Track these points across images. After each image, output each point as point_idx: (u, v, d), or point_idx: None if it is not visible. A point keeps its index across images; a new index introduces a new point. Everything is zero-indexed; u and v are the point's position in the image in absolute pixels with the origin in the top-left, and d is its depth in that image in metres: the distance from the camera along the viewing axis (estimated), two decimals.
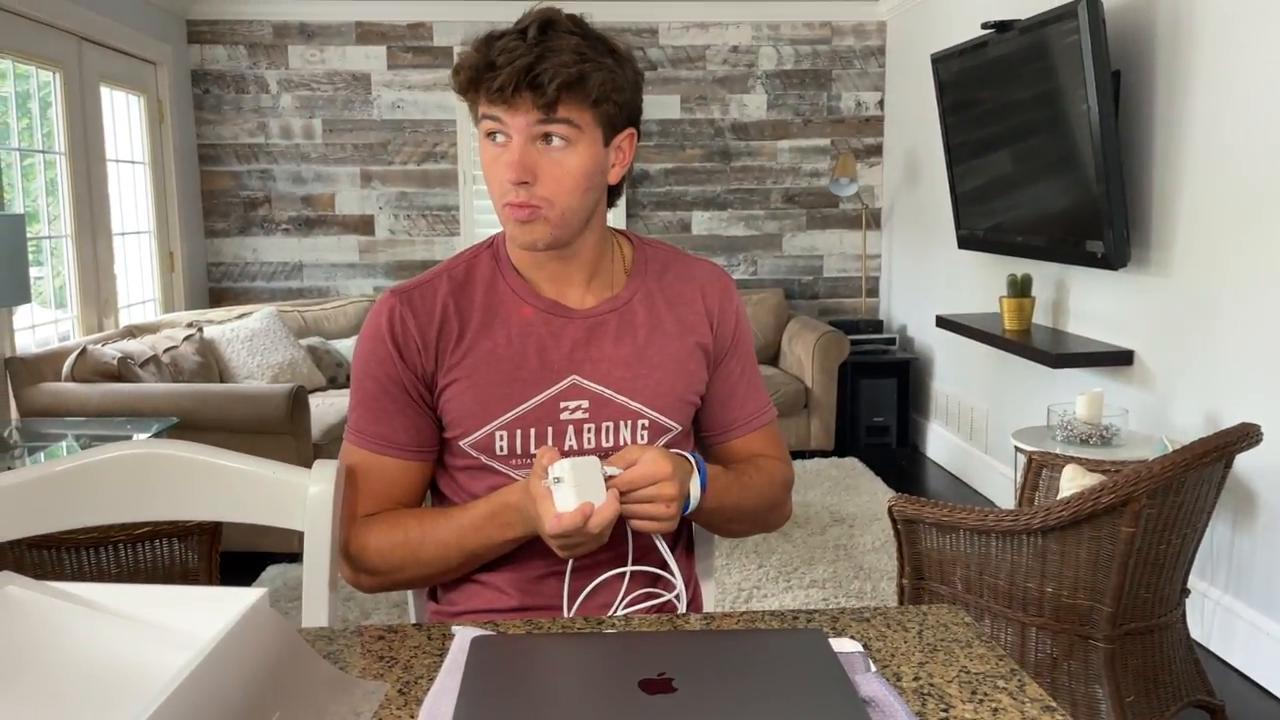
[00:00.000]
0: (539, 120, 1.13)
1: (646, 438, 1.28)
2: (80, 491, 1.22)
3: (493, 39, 1.15)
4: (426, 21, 5.40)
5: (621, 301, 1.28)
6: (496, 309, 1.25)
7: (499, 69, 1.12)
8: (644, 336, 1.28)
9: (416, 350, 1.23)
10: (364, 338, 1.26)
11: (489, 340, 1.24)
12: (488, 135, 1.17)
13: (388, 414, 1.25)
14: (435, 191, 5.54)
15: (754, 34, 5.54)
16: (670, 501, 1.13)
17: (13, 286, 2.88)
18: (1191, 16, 2.94)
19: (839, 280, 5.78)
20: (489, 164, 1.18)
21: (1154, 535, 2.00)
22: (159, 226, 5.00)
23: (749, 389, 1.38)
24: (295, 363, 4.54)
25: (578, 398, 1.25)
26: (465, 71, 1.15)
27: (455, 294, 1.25)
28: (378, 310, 1.26)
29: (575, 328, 1.26)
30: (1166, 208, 3.10)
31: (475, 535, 1.21)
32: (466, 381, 1.23)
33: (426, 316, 1.24)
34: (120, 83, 4.62)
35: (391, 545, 1.23)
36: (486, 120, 1.16)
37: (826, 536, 3.84)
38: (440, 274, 1.28)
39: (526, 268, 1.27)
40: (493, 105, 1.14)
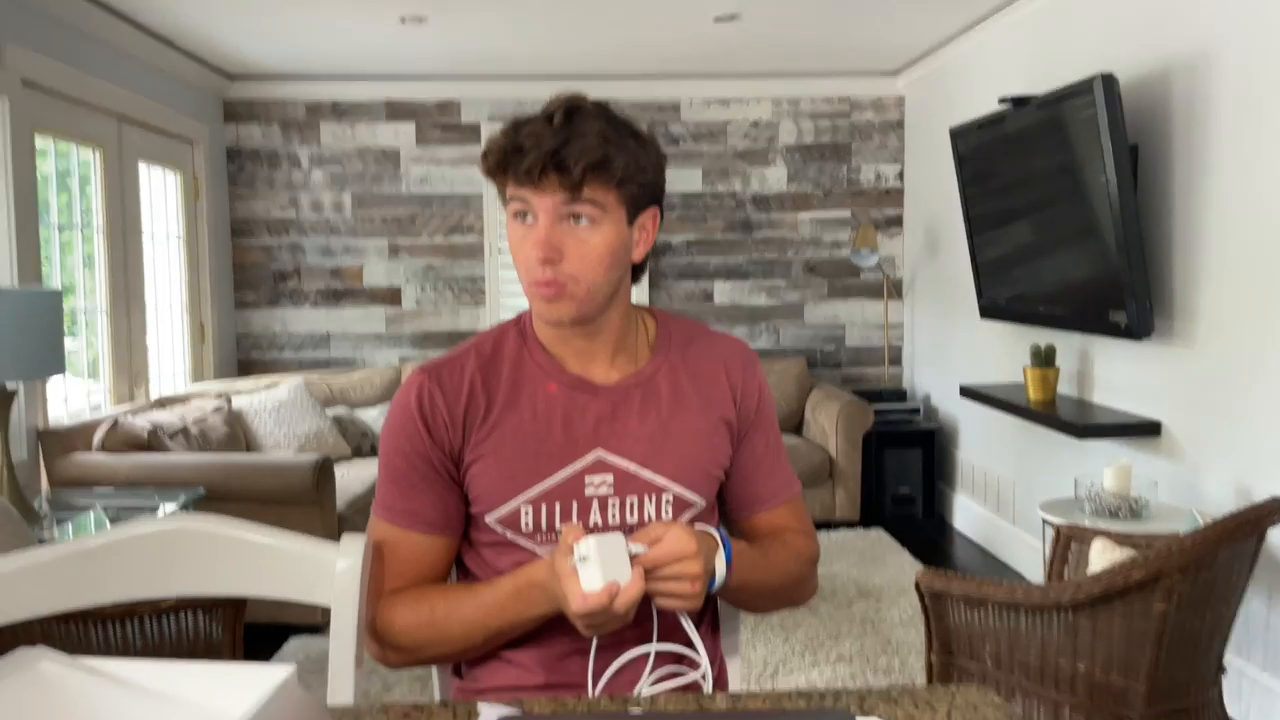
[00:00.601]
0: (565, 201, 1.16)
1: (671, 513, 1.28)
2: (112, 567, 1.23)
3: (520, 124, 1.18)
4: (454, 100, 5.54)
5: (645, 376, 1.30)
6: (522, 384, 1.27)
7: (526, 152, 1.15)
8: (668, 411, 1.29)
9: (444, 426, 1.25)
10: (393, 414, 1.28)
11: (515, 415, 1.25)
12: (515, 215, 1.20)
13: (415, 489, 1.26)
14: (461, 263, 5.63)
15: (774, 109, 5.65)
16: (695, 580, 1.13)
17: (48, 359, 2.94)
18: (1208, 91, 2.98)
19: (862, 349, 5.79)
20: (517, 243, 1.22)
21: (1188, 611, 1.97)
22: (191, 299, 5.10)
23: (773, 463, 1.38)
24: (321, 433, 4.58)
25: (602, 472, 1.25)
26: (494, 155, 1.19)
27: (483, 370, 1.27)
28: (407, 387, 1.28)
29: (600, 402, 1.27)
30: (1189, 278, 3.10)
31: (500, 613, 1.21)
32: (492, 457, 1.25)
33: (454, 393, 1.25)
34: (158, 160, 4.76)
35: (418, 623, 1.24)
36: (514, 201, 1.20)
37: (853, 610, 3.78)
38: (468, 350, 1.30)
39: (552, 343, 1.29)
40: (520, 187, 1.18)
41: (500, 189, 1.22)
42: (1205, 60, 2.98)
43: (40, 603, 1.22)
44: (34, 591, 1.22)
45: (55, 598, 1.23)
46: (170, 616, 2.10)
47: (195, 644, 2.11)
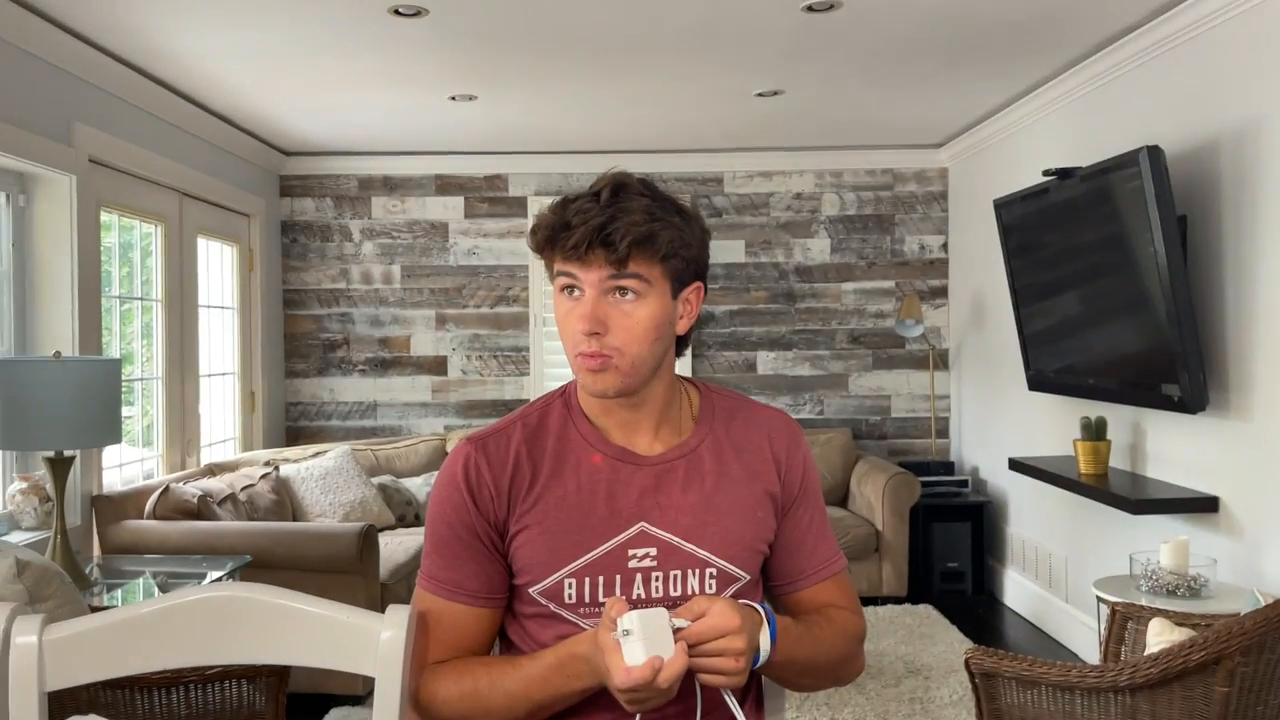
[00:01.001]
0: (610, 275, 1.20)
1: (715, 587, 1.27)
2: (163, 633, 1.25)
3: (568, 202, 1.22)
4: (502, 174, 5.67)
5: (689, 448, 1.31)
6: (567, 456, 1.28)
7: (574, 229, 1.19)
8: (712, 484, 1.29)
9: (490, 498, 1.26)
10: (439, 484, 1.29)
11: (560, 487, 1.26)
12: (563, 290, 1.24)
13: (459, 560, 1.27)
14: (507, 333, 5.69)
15: (816, 181, 5.70)
16: (739, 655, 1.12)
17: (105, 427, 3.01)
18: (1256, 162, 2.96)
19: (907, 420, 5.73)
20: (563, 316, 1.25)
21: (1250, 695, 1.89)
22: (243, 367, 5.20)
23: (818, 537, 1.37)
24: (366, 501, 4.61)
25: (646, 545, 1.26)
26: (543, 231, 1.23)
27: (528, 441, 1.29)
28: (454, 458, 1.29)
29: (644, 475, 1.28)
30: (1243, 350, 3.05)
31: (543, 686, 1.20)
32: (537, 529, 1.25)
33: (500, 464, 1.27)
34: (216, 234, 4.91)
35: (460, 694, 1.23)
36: (562, 276, 1.23)
37: (901, 689, 3.69)
38: (514, 422, 1.31)
39: (597, 415, 1.30)
40: (568, 262, 1.21)
41: (548, 264, 1.26)
42: (1255, 130, 2.97)
43: (93, 669, 1.24)
44: (87, 658, 1.23)
45: (107, 664, 1.24)
46: (215, 685, 2.11)
47: (239, 712, 2.12)
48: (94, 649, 1.24)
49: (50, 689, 1.22)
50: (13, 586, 2.14)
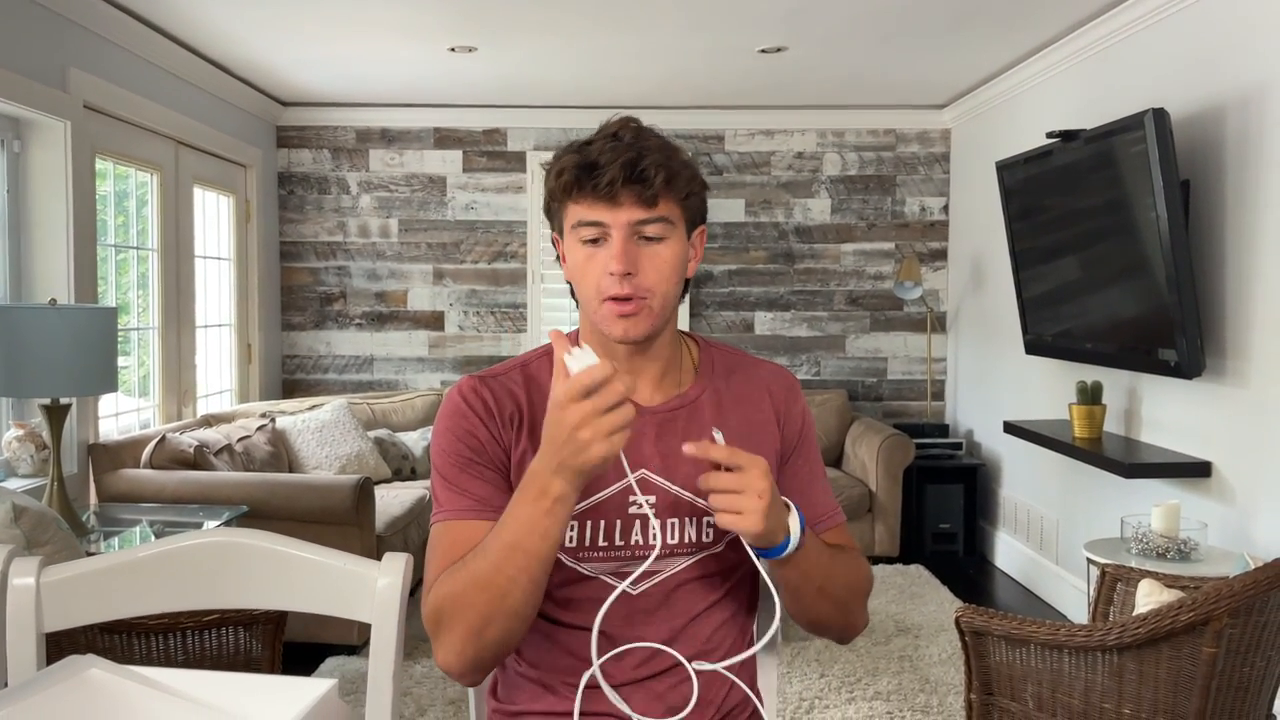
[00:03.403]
0: (640, 218, 1.19)
1: (712, 535, 1.28)
2: (160, 577, 1.25)
3: (585, 145, 1.21)
4: (501, 128, 5.61)
5: (690, 399, 1.31)
6: None
7: (603, 167, 1.17)
8: (709, 434, 1.29)
9: (498, 423, 1.25)
10: (444, 417, 1.27)
11: None
12: (583, 240, 1.21)
13: (472, 482, 1.23)
14: (505, 289, 5.68)
15: (818, 141, 5.66)
16: (762, 495, 1.11)
17: (102, 376, 3.01)
18: (1261, 128, 2.94)
19: (903, 383, 5.74)
20: (582, 264, 1.23)
21: (1237, 657, 1.92)
22: (239, 319, 5.19)
23: (819, 489, 1.37)
24: (363, 454, 4.62)
25: (646, 493, 1.26)
26: (569, 172, 1.19)
27: (528, 386, 1.28)
28: (455, 391, 1.28)
29: (645, 424, 1.27)
30: (1241, 316, 3.05)
31: (511, 521, 1.12)
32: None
33: (501, 400, 1.27)
34: (212, 184, 4.87)
35: (453, 578, 1.16)
36: (585, 227, 1.20)
37: (891, 646, 3.73)
38: (515, 367, 1.31)
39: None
40: (595, 206, 1.19)
41: (558, 215, 1.24)
42: (1260, 95, 2.95)
43: (90, 611, 1.25)
44: (85, 600, 1.24)
45: (105, 607, 1.25)
46: (212, 631, 2.13)
47: (235, 659, 2.14)
48: (91, 591, 1.24)
49: (48, 630, 1.23)
50: (9, 531, 2.15)
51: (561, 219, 1.25)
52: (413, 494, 4.35)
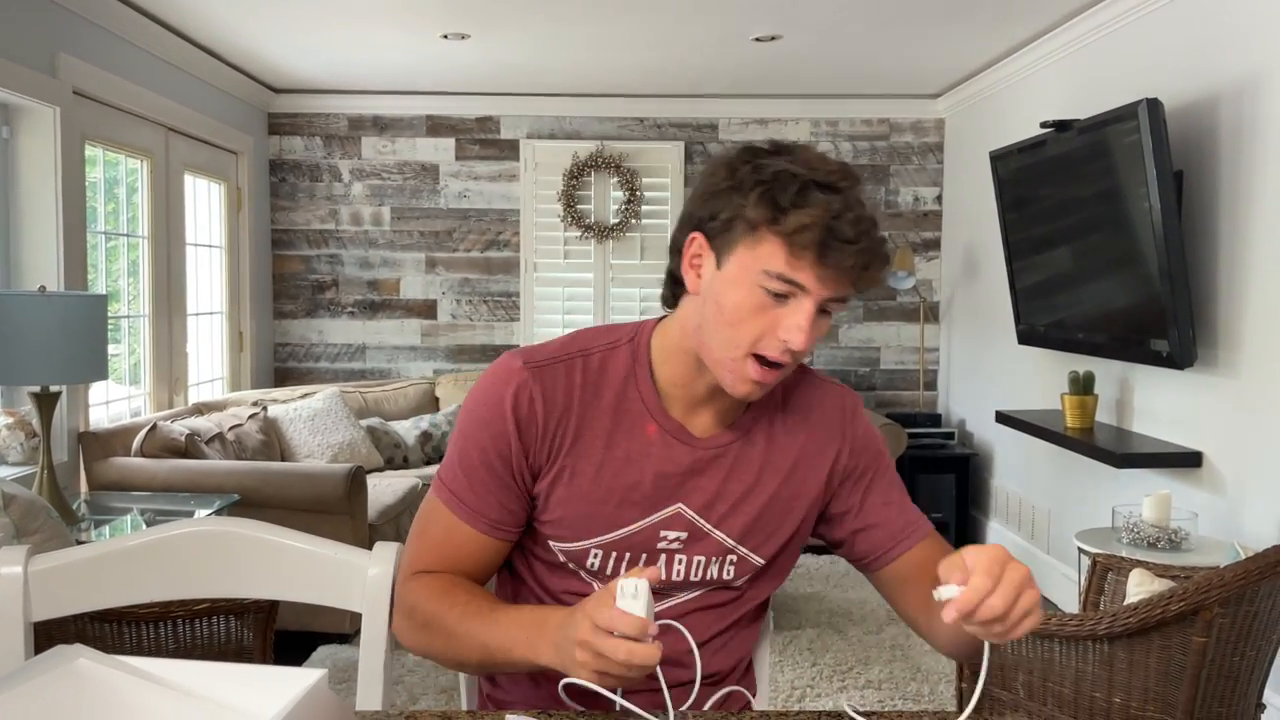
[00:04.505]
0: (841, 295, 1.09)
1: (732, 572, 1.23)
2: (149, 566, 1.25)
3: (828, 189, 1.05)
4: (494, 115, 5.59)
5: (741, 431, 1.23)
6: (622, 417, 1.19)
7: (852, 244, 1.04)
8: (757, 470, 1.23)
9: (536, 435, 1.17)
10: (483, 402, 1.18)
11: (607, 451, 1.18)
12: (766, 289, 1.07)
13: (485, 487, 1.18)
14: (497, 278, 5.66)
15: (812, 130, 5.65)
16: (1028, 579, 0.98)
17: (92, 364, 2.99)
18: (1255, 118, 2.94)
19: (896, 373, 5.75)
20: (749, 309, 1.08)
21: (1227, 646, 1.92)
22: (231, 307, 5.17)
23: (900, 504, 1.28)
24: (355, 443, 4.61)
25: (678, 528, 1.20)
26: (816, 231, 1.04)
27: (586, 388, 1.19)
28: (503, 377, 1.18)
29: (693, 455, 1.20)
30: (1234, 307, 3.05)
31: (497, 631, 1.11)
32: (575, 488, 1.18)
33: (552, 401, 1.17)
34: (203, 171, 4.84)
35: (430, 610, 1.16)
36: (778, 280, 1.06)
37: (883, 635, 3.74)
38: (575, 356, 1.21)
39: (669, 382, 1.20)
40: (804, 268, 1.05)
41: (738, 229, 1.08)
42: (1254, 86, 2.95)
43: (79, 601, 1.24)
44: (73, 589, 1.23)
45: (93, 596, 1.24)
46: (203, 620, 2.12)
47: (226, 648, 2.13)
48: (80, 581, 1.24)
49: (36, 619, 1.22)
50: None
51: (743, 240, 1.08)
52: (405, 482, 4.34)
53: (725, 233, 1.09)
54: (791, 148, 1.11)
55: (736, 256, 1.09)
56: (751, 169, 1.08)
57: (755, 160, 1.09)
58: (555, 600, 1.23)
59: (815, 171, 1.06)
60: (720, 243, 1.10)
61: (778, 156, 1.09)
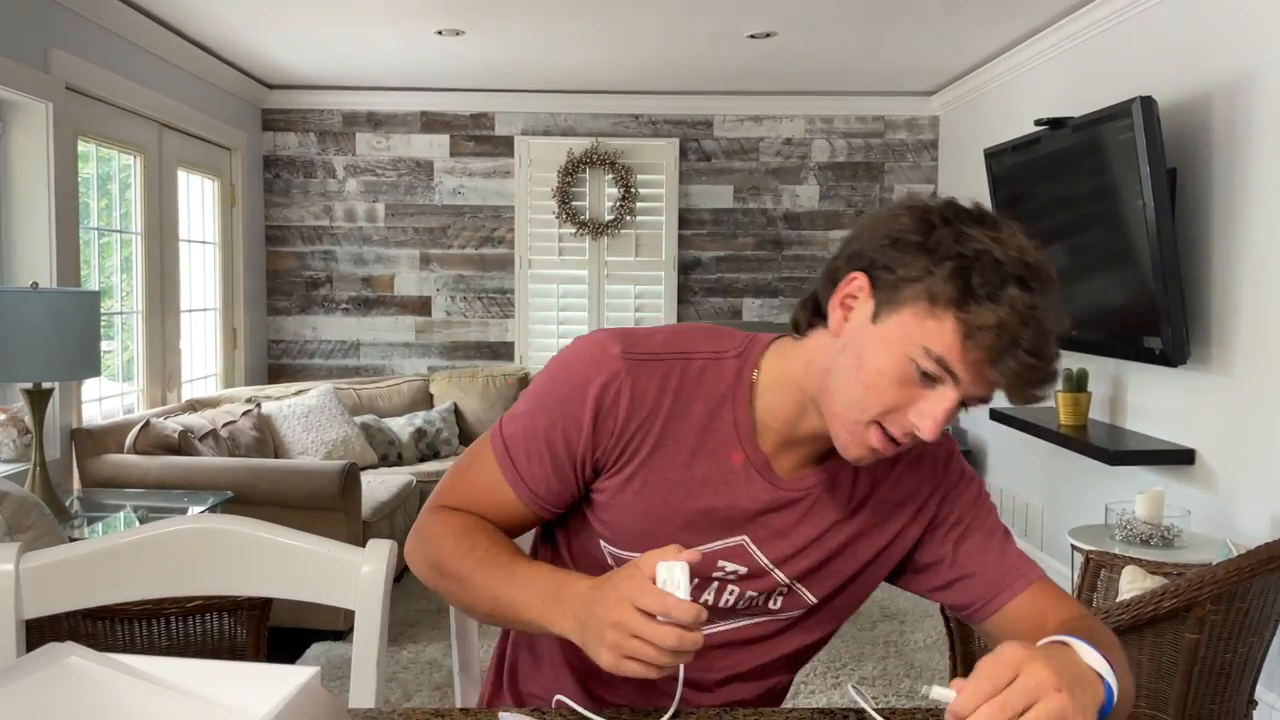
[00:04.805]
0: (988, 398, 1.01)
1: (780, 604, 1.16)
2: (142, 564, 1.24)
3: (1028, 303, 0.94)
4: (489, 112, 5.58)
5: (828, 474, 1.12)
6: (709, 436, 1.10)
7: (1030, 358, 0.94)
8: (833, 518, 1.13)
9: (611, 432, 1.09)
10: (569, 379, 1.10)
11: (688, 473, 1.10)
12: (918, 366, 0.97)
13: (542, 461, 1.11)
14: (492, 275, 5.66)
15: (807, 127, 5.64)
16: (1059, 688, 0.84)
17: (84, 360, 2.98)
18: (1248, 116, 2.94)
19: None
20: (892, 379, 0.98)
21: (1219, 643, 1.93)
22: (224, 304, 5.16)
23: (1010, 551, 1.17)
24: (349, 440, 4.61)
25: (738, 561, 1.12)
26: (998, 333, 0.94)
27: (679, 396, 1.10)
28: (597, 361, 1.09)
29: (772, 495, 1.11)
30: (1227, 305, 3.06)
31: (517, 585, 1.05)
32: (641, 497, 1.11)
33: (641, 402, 1.09)
34: (196, 167, 4.83)
35: (447, 549, 1.11)
36: (936, 364, 0.96)
37: (876, 632, 3.75)
38: (675, 359, 1.11)
39: (770, 413, 1.10)
40: (971, 364, 0.96)
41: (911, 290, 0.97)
42: (1247, 84, 2.95)
43: (71, 598, 1.23)
44: (65, 587, 1.23)
45: (86, 593, 1.24)
46: (196, 617, 2.12)
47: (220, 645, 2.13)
48: (72, 578, 1.23)
49: (28, 617, 1.22)
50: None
51: (913, 305, 0.97)
52: (399, 479, 4.34)
53: (896, 289, 0.98)
54: (997, 222, 0.99)
55: (899, 319, 0.98)
56: (952, 235, 0.96)
57: (958, 226, 0.97)
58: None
59: (1018, 263, 0.96)
60: (886, 295, 0.99)
61: (982, 229, 0.97)
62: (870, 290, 1.01)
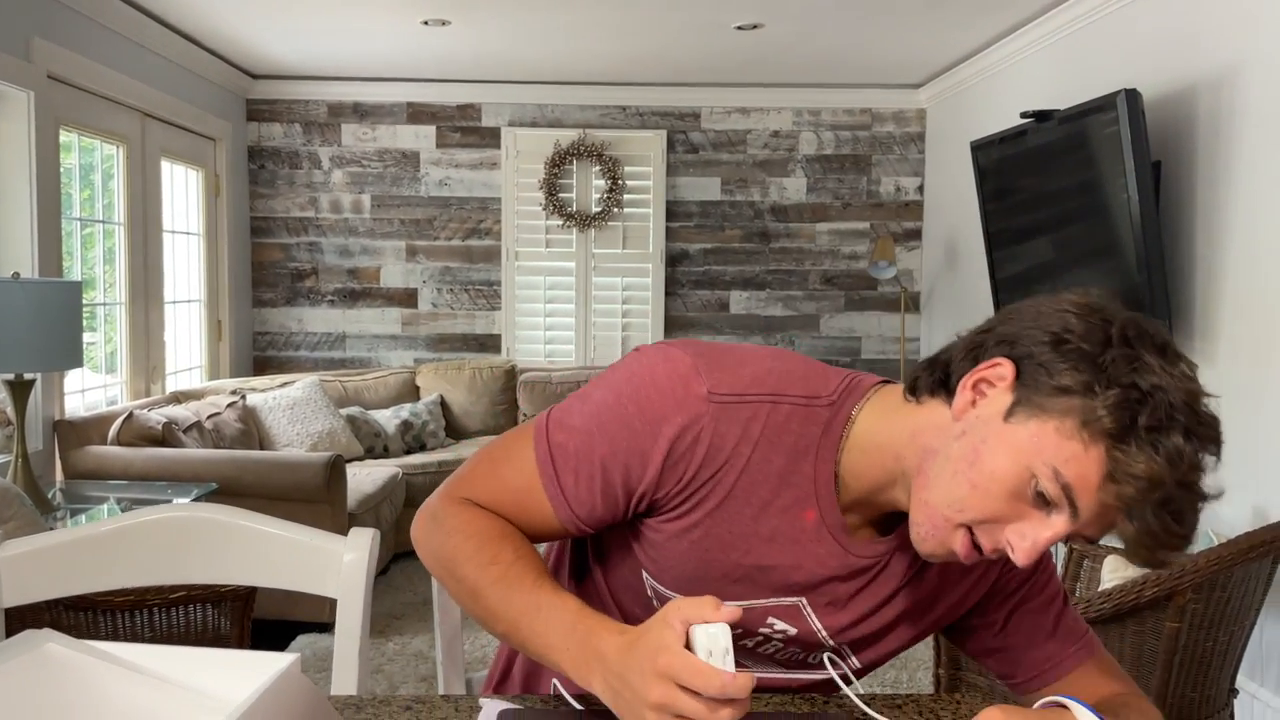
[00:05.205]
0: (1097, 539, 0.93)
1: (820, 660, 1.10)
2: (121, 552, 1.23)
3: (1187, 461, 0.86)
4: (476, 103, 5.56)
5: (899, 541, 1.02)
6: (785, 489, 0.99)
7: (1171, 520, 0.86)
8: (895, 586, 1.05)
9: (681, 478, 0.98)
10: (643, 407, 0.98)
11: (756, 527, 1.00)
12: (1037, 488, 0.86)
13: (591, 485, 1.00)
14: (478, 267, 5.64)
15: (794, 119, 5.64)
16: None
17: (66, 351, 2.96)
18: (1232, 110, 2.96)
19: (877, 362, 5.76)
20: (1001, 485, 0.87)
21: (1200, 631, 1.94)
22: (209, 296, 5.13)
23: (1056, 623, 1.09)
24: (334, 432, 4.59)
25: (791, 621, 1.04)
26: (1145, 486, 0.84)
27: (760, 445, 0.98)
28: (679, 399, 0.97)
29: (841, 560, 1.01)
30: (1211, 298, 3.08)
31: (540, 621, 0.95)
32: (701, 551, 1.01)
33: (717, 450, 0.98)
34: (180, 157, 4.80)
35: (464, 558, 1.01)
36: (1062, 490, 0.85)
37: None
38: (763, 401, 0.99)
39: (850, 471, 0.99)
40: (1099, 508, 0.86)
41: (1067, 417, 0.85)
42: (1231, 77, 2.96)
43: (50, 587, 1.23)
44: (44, 575, 1.22)
45: (65, 582, 1.23)
46: (179, 608, 2.11)
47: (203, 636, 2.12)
48: (51, 566, 1.22)
49: (8, 605, 1.21)
50: None
51: (1059, 421, 0.86)
52: (385, 471, 4.33)
53: (1044, 394, 0.87)
54: (1178, 357, 0.88)
55: (1038, 426, 0.86)
56: (1129, 360, 0.85)
57: (1137, 351, 0.86)
58: (614, 598, 1.10)
59: (1188, 410, 0.86)
60: (1029, 394, 0.88)
61: (1163, 361, 0.86)
62: (1013, 384, 0.89)
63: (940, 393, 0.95)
